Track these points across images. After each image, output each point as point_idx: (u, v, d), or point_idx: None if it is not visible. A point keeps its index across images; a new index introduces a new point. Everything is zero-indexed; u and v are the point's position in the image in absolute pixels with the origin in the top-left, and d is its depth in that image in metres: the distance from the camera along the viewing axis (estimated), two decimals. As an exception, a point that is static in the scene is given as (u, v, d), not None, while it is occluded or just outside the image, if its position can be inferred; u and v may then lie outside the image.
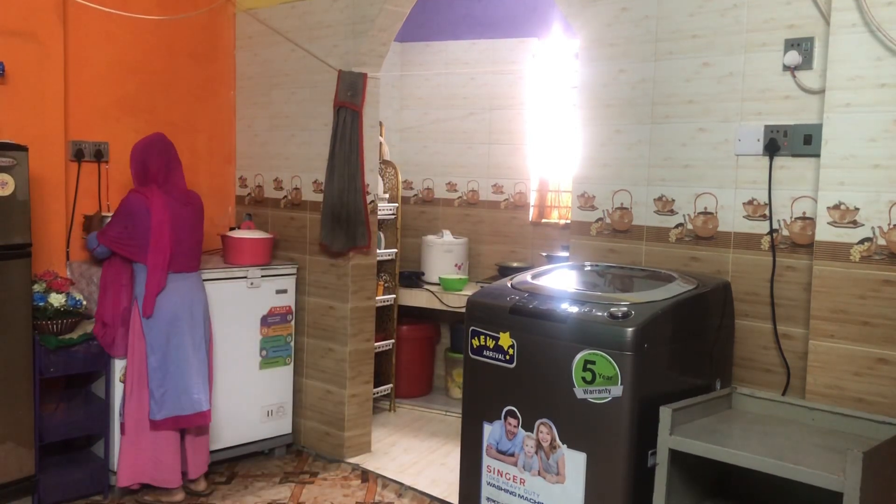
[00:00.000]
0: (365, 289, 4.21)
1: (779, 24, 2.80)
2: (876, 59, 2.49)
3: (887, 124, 2.47)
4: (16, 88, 3.78)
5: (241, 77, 4.74)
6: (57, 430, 3.57)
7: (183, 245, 3.57)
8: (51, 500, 3.53)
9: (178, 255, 3.55)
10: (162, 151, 3.62)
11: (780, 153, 2.80)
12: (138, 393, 3.52)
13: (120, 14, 4.00)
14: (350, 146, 4.00)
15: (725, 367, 2.85)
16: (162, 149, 3.63)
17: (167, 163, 3.62)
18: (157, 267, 3.49)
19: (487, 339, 2.75)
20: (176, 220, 3.54)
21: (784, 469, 2.10)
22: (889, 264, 2.48)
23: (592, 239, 3.33)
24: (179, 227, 3.56)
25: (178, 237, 3.55)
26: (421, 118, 5.47)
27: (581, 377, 2.47)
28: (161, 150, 3.62)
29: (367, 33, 4.00)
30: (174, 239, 3.52)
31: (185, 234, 3.59)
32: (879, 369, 2.50)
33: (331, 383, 4.25)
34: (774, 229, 2.83)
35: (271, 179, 4.59)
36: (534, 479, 2.63)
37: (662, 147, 3.12)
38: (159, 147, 3.63)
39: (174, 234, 3.52)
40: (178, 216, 3.56)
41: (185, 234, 3.59)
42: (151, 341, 3.50)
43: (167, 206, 3.52)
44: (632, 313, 2.44)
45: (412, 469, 4.09)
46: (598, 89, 3.29)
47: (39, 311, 3.47)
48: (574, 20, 3.40)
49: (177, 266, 3.56)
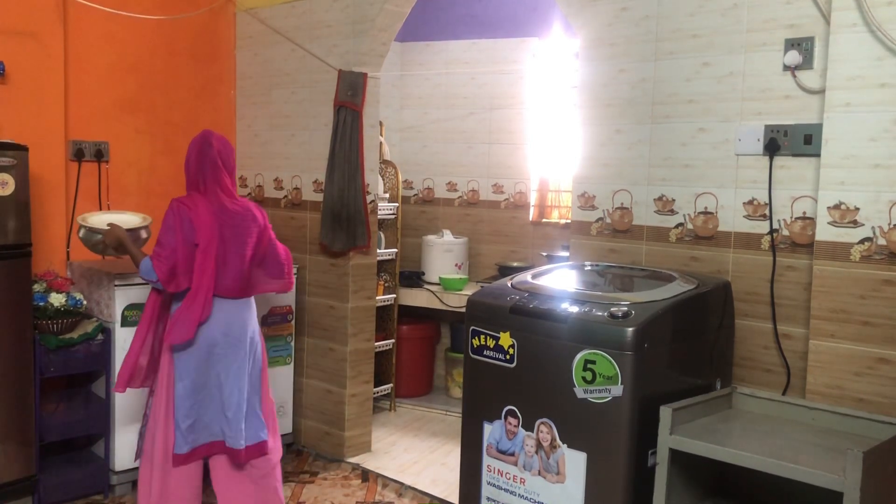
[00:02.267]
0: (365, 288, 4.21)
1: (779, 24, 2.80)
2: (876, 58, 2.48)
3: (887, 124, 2.47)
4: (16, 88, 3.78)
5: (241, 77, 4.74)
6: (57, 429, 3.58)
7: (229, 266, 3.06)
8: (51, 499, 3.53)
9: (221, 277, 3.05)
10: (201, 151, 3.11)
11: (781, 153, 2.80)
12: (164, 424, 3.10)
13: (120, 14, 4.00)
14: (350, 146, 4.00)
15: (725, 367, 2.85)
16: (201, 148, 3.12)
17: (208, 165, 3.11)
18: (200, 289, 2.99)
19: (488, 339, 2.75)
20: (221, 234, 3.05)
21: (784, 469, 2.10)
22: (889, 264, 2.48)
23: (592, 239, 3.33)
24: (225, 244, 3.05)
25: (223, 255, 3.05)
26: (421, 118, 5.47)
27: (581, 377, 2.47)
28: (200, 150, 3.12)
29: (367, 33, 4.00)
30: (219, 257, 3.03)
31: (232, 253, 3.06)
32: (880, 369, 2.50)
33: (331, 383, 4.25)
34: (775, 229, 2.83)
35: (271, 179, 4.59)
36: (534, 479, 2.63)
37: (662, 147, 3.12)
38: (199, 146, 3.13)
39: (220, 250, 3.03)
40: (223, 230, 3.06)
41: (232, 251, 3.06)
42: (180, 369, 3.07)
43: (212, 216, 3.04)
44: (632, 313, 2.44)
45: (412, 469, 4.09)
46: (599, 89, 3.29)
47: (40, 310, 3.47)
48: (574, 20, 3.39)
49: (220, 289, 3.05)
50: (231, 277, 3.07)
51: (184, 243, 2.99)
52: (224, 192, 3.14)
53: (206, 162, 3.11)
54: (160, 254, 2.97)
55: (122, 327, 3.66)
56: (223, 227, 3.06)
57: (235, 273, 3.08)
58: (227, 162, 3.17)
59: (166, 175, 4.47)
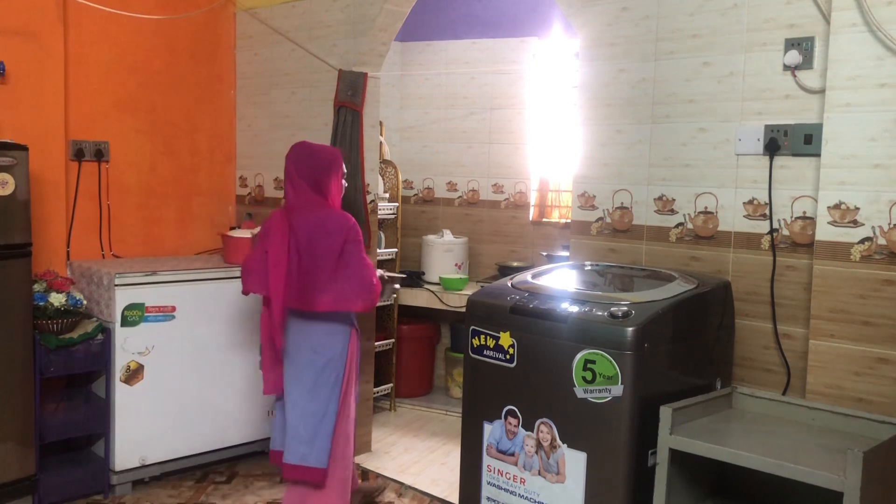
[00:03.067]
0: (365, 288, 4.21)
1: (779, 24, 2.80)
2: (876, 58, 2.49)
3: (887, 124, 2.47)
4: (16, 88, 3.78)
5: (241, 76, 4.74)
6: (57, 429, 3.57)
7: (292, 277, 3.00)
8: (51, 499, 3.53)
9: (289, 288, 3.01)
10: (289, 160, 3.11)
11: (781, 153, 2.80)
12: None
13: (120, 14, 4.01)
14: (350, 146, 4.00)
15: (726, 367, 2.85)
16: (291, 157, 3.11)
17: (290, 175, 3.10)
18: (274, 297, 3.01)
19: (488, 339, 2.74)
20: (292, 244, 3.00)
21: (784, 469, 2.10)
22: (889, 264, 2.48)
23: (593, 238, 3.33)
24: (295, 254, 3.00)
25: (289, 266, 3.00)
26: (421, 118, 5.47)
27: (581, 377, 2.47)
28: (289, 159, 3.12)
29: (367, 33, 4.00)
30: (287, 267, 2.99)
31: (295, 264, 3.00)
32: (880, 369, 2.50)
33: (331, 383, 4.25)
34: (775, 229, 2.83)
35: (272, 179, 4.59)
36: (534, 479, 2.63)
37: (663, 147, 3.12)
38: (290, 156, 3.13)
39: (289, 261, 2.99)
40: (294, 239, 3.00)
41: (296, 263, 3.00)
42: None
43: (286, 225, 3.01)
44: (632, 313, 2.44)
45: (412, 468, 4.09)
46: (599, 89, 3.29)
47: (40, 310, 3.47)
48: (574, 20, 3.40)
49: (288, 300, 3.02)
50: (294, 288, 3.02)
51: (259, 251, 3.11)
52: (287, 199, 3.13)
53: (293, 170, 3.09)
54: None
55: (122, 327, 3.66)
56: (291, 238, 3.00)
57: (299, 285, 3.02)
58: (299, 170, 3.09)
59: (166, 175, 4.48)
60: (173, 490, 3.78)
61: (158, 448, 3.81)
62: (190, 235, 4.59)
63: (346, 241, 3.02)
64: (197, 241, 4.61)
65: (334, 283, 3.00)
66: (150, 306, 3.73)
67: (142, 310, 3.70)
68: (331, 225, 3.03)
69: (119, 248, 4.26)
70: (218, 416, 3.98)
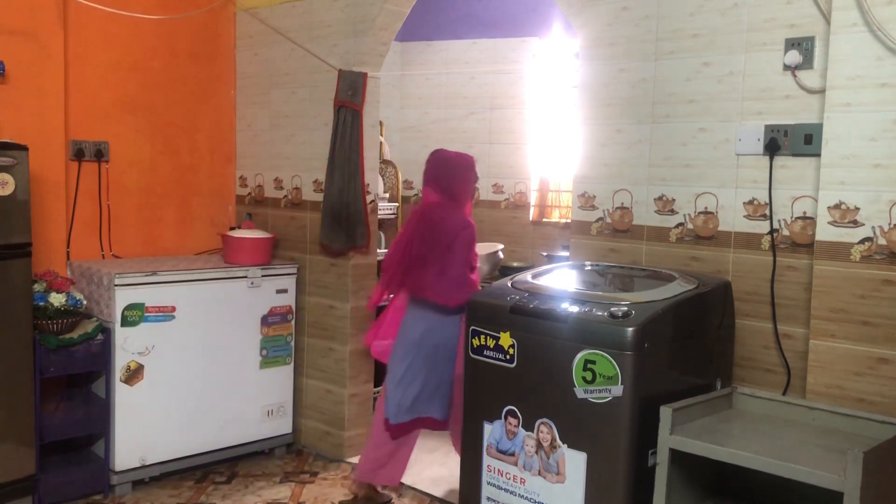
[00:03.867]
0: (365, 288, 4.21)
1: (779, 24, 2.80)
2: (876, 58, 2.48)
3: (888, 124, 2.47)
4: (16, 88, 3.78)
5: (241, 76, 4.74)
6: (57, 429, 3.58)
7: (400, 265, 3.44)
8: (51, 499, 3.53)
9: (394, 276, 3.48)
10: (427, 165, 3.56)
11: (781, 153, 2.80)
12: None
13: (120, 14, 4.01)
14: (350, 145, 4.00)
15: (726, 367, 2.85)
16: (429, 162, 3.56)
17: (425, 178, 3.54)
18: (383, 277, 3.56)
19: (488, 339, 2.74)
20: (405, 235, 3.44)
21: (784, 469, 2.10)
22: (889, 264, 2.48)
23: (593, 238, 3.33)
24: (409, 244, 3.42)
25: (401, 255, 3.43)
26: (421, 117, 5.46)
27: (581, 377, 2.47)
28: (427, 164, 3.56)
29: (367, 33, 4.00)
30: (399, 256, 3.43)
31: (402, 253, 3.43)
32: (880, 369, 2.50)
33: (331, 383, 4.25)
34: (775, 229, 2.83)
35: (272, 179, 4.59)
36: (534, 479, 2.63)
37: (663, 146, 3.12)
38: (428, 161, 3.57)
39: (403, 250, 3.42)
40: (407, 231, 3.45)
41: (403, 251, 3.43)
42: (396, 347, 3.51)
43: (414, 220, 3.46)
44: (632, 313, 2.44)
45: (412, 469, 4.08)
46: (599, 89, 3.29)
47: (40, 310, 3.47)
48: (574, 20, 3.39)
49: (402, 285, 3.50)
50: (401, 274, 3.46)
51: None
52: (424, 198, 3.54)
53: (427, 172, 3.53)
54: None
55: (122, 327, 3.66)
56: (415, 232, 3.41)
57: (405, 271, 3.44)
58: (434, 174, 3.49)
59: (166, 175, 4.48)
60: (173, 490, 3.78)
61: (158, 448, 3.81)
62: (190, 235, 4.59)
63: (454, 240, 3.34)
64: (197, 241, 4.61)
65: (440, 278, 3.33)
66: (150, 306, 3.73)
67: (142, 310, 3.70)
68: (447, 224, 3.36)
69: (119, 248, 4.26)
70: (218, 416, 3.98)
